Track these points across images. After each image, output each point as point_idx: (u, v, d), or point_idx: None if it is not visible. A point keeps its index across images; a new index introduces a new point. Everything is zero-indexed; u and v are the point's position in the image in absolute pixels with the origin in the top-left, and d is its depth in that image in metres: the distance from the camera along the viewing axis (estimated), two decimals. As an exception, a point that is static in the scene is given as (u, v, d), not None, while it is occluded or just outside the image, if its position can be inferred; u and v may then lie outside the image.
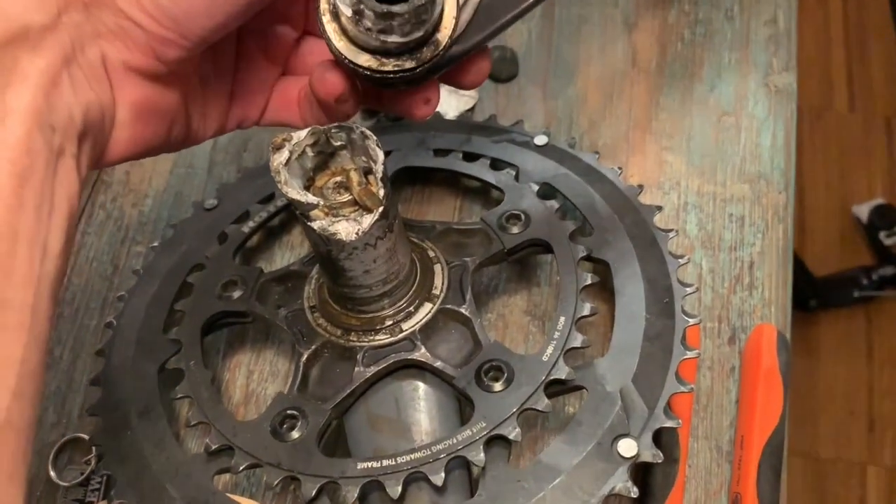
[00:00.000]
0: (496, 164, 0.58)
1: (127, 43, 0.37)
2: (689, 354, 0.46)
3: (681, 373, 0.45)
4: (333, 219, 0.43)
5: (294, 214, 0.46)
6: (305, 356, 0.48)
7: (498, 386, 0.44)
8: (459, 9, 0.41)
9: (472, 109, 0.65)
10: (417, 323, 0.48)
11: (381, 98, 0.45)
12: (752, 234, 0.60)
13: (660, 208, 0.53)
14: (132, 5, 0.36)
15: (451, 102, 0.64)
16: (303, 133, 0.43)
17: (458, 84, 0.45)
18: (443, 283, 0.49)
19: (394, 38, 0.39)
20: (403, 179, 0.61)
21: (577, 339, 0.46)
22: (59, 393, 0.57)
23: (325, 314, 0.49)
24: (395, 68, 0.40)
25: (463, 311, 0.48)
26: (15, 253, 0.32)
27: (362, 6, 0.38)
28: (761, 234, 0.60)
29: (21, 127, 0.32)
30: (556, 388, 0.45)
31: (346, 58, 0.40)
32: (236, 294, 0.53)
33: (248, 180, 0.61)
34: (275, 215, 0.58)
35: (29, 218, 0.32)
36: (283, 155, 0.42)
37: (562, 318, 0.47)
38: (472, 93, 0.65)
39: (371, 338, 0.47)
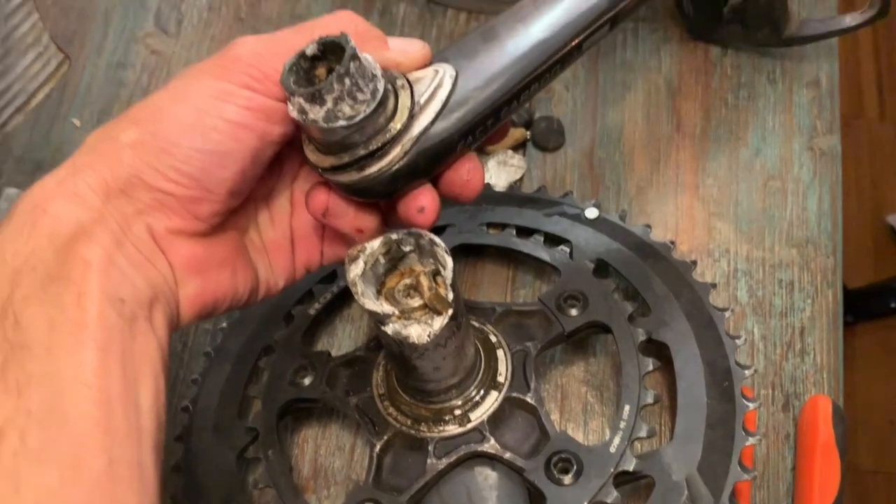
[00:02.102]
0: (549, 239, 0.60)
1: (165, 211, 0.41)
2: (751, 441, 0.47)
3: (742, 459, 0.47)
4: (405, 322, 0.45)
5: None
6: (378, 447, 0.50)
7: (567, 478, 0.46)
8: (416, 102, 0.41)
9: (520, 180, 0.66)
10: (485, 413, 0.49)
11: (386, 215, 0.47)
12: (802, 300, 0.61)
13: (714, 286, 0.55)
14: (158, 178, 0.40)
15: (500, 174, 0.66)
16: (376, 243, 0.45)
17: (452, 195, 0.46)
18: (507, 370, 0.51)
19: (340, 123, 0.39)
20: (457, 254, 0.63)
21: (643, 429, 0.48)
22: (136, 470, 0.59)
23: (395, 403, 0.51)
24: (357, 167, 0.41)
25: (528, 399, 0.50)
26: (112, 414, 0.35)
27: (295, 96, 0.39)
28: (811, 299, 0.61)
29: (94, 306, 0.36)
30: (624, 479, 0.46)
31: (316, 166, 0.42)
32: (307, 380, 0.55)
33: (309, 257, 0.63)
34: (338, 295, 0.60)
35: (117, 383, 0.36)
36: (359, 266, 0.44)
37: (626, 407, 0.48)
38: (522, 163, 0.67)
39: (441, 428, 0.49)
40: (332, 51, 0.40)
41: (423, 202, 0.44)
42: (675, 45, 0.70)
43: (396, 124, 0.41)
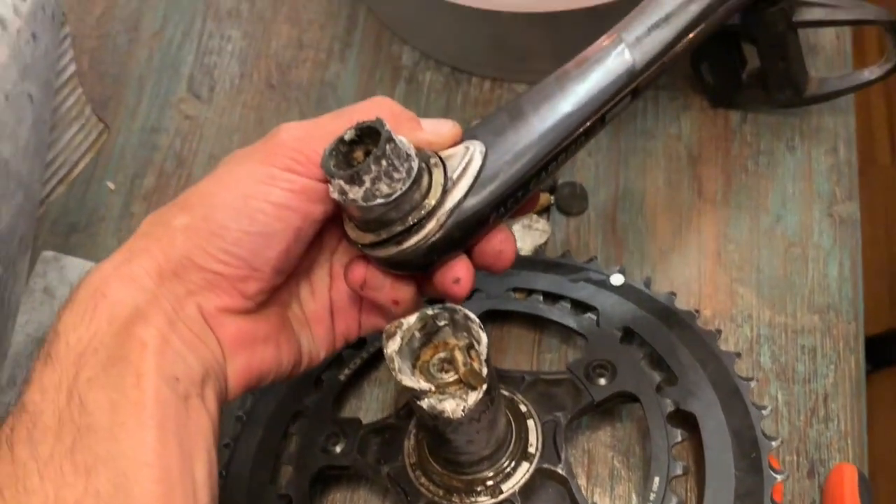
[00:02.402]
0: (576, 305, 0.61)
1: (215, 291, 0.43)
2: (780, 514, 0.48)
3: (772, 532, 0.48)
4: (440, 396, 0.46)
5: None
6: (411, 517, 0.51)
7: (600, 553, 0.47)
8: (448, 178, 0.44)
9: (545, 243, 0.68)
10: (516, 484, 0.50)
11: (422, 286, 0.49)
12: (825, 366, 0.62)
13: (739, 355, 0.56)
14: (208, 259, 0.42)
15: (525, 238, 0.68)
16: (412, 318, 0.46)
17: (485, 265, 0.48)
18: (537, 441, 0.52)
19: (378, 201, 0.41)
20: (484, 319, 0.64)
21: (673, 501, 0.48)
22: (167, 533, 0.60)
23: (426, 473, 0.52)
24: (396, 241, 0.43)
25: (560, 470, 0.51)
26: (172, 490, 0.37)
27: (335, 178, 0.41)
28: (834, 365, 0.62)
29: (151, 386, 0.39)
30: (655, 553, 0.47)
31: (356, 242, 0.44)
32: (339, 448, 0.56)
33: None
34: (368, 361, 0.62)
35: (175, 460, 0.38)
36: (396, 342, 0.45)
37: (656, 479, 0.49)
38: (547, 227, 0.68)
39: (473, 499, 0.50)
40: (369, 134, 0.43)
41: (458, 273, 0.47)
42: (694, 112, 0.71)
43: (431, 200, 0.44)
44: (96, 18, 0.80)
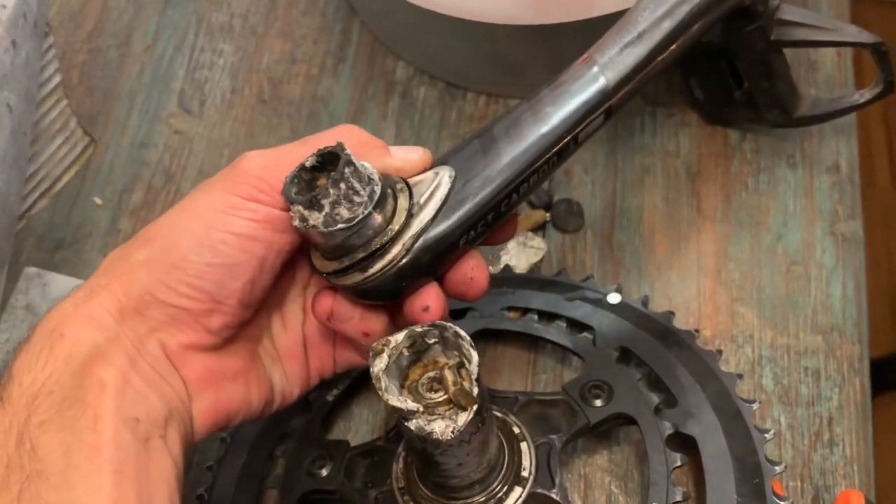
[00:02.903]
0: (572, 324, 0.59)
1: (178, 326, 0.41)
2: (784, 543, 0.46)
3: (776, 562, 0.46)
4: (429, 417, 0.44)
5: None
6: (399, 544, 0.49)
7: (596, 583, 0.45)
8: (414, 203, 0.43)
9: (541, 261, 0.66)
10: (509, 509, 0.48)
11: (394, 317, 0.47)
12: (829, 389, 0.60)
13: (740, 376, 0.54)
14: (170, 294, 0.41)
15: (521, 256, 0.66)
16: (400, 336, 0.45)
17: (457, 294, 0.47)
18: (531, 464, 0.50)
19: (339, 226, 0.40)
20: (477, 339, 0.62)
21: (672, 529, 0.46)
22: (147, 560, 0.58)
23: (415, 498, 0.50)
24: (360, 268, 0.42)
25: (554, 496, 0.49)
26: None
27: (295, 205, 0.40)
28: (838, 387, 0.60)
29: (110, 428, 0.37)
30: (653, 583, 0.45)
31: (321, 272, 0.43)
32: (325, 471, 0.54)
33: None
34: (356, 381, 0.60)
35: None
36: (383, 361, 0.44)
37: (654, 505, 0.47)
38: (542, 244, 0.67)
39: (464, 525, 0.48)
40: (331, 161, 0.42)
41: (427, 301, 0.45)
42: (693, 128, 0.70)
43: (395, 225, 0.43)
44: (87, 32, 0.79)
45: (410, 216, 0.43)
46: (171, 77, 0.77)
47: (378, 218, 0.42)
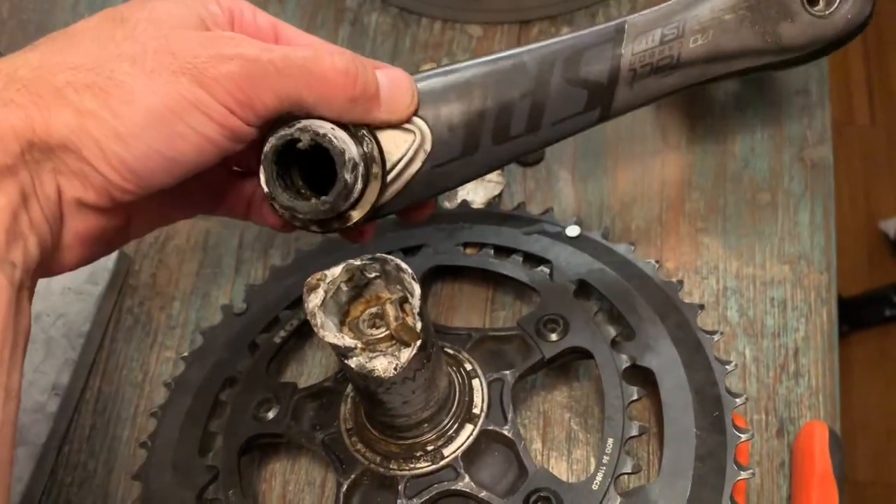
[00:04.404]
0: (529, 258, 0.57)
1: (84, 183, 0.37)
2: (743, 475, 0.44)
3: (734, 494, 0.44)
4: (371, 354, 0.42)
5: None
6: (346, 486, 0.47)
7: (548, 520, 0.43)
8: (385, 183, 0.43)
9: (499, 196, 0.63)
10: (459, 448, 0.46)
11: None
12: (795, 319, 0.58)
13: (702, 307, 0.52)
14: (97, 157, 0.36)
15: (478, 191, 0.63)
16: (337, 270, 0.42)
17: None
18: (483, 401, 0.48)
19: (320, 209, 0.41)
20: (432, 277, 0.59)
21: (627, 464, 0.44)
22: (94, 510, 0.56)
23: (363, 439, 0.48)
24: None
25: (505, 432, 0.47)
26: None
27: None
28: (804, 318, 0.58)
29: None
30: (607, 520, 0.43)
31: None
32: (271, 414, 0.51)
33: (276, 281, 0.60)
34: (305, 322, 0.57)
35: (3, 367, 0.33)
36: (319, 296, 0.41)
37: (609, 441, 0.45)
38: (500, 179, 0.64)
39: (412, 465, 0.46)
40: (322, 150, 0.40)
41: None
42: (658, 53, 0.67)
43: (366, 205, 0.42)
44: (17, -38, 0.74)
45: (382, 193, 0.43)
46: (108, 3, 0.72)
47: (355, 194, 0.41)
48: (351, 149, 0.40)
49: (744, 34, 0.46)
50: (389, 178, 0.42)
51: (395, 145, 0.43)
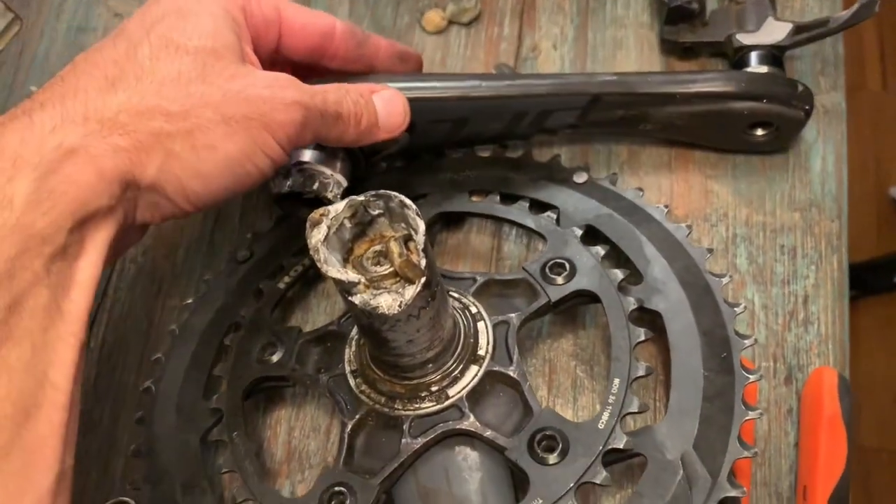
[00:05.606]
0: (535, 205, 0.56)
1: (154, 213, 0.43)
2: (752, 415, 0.44)
3: (742, 434, 0.44)
4: (375, 291, 0.41)
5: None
6: (350, 426, 0.46)
7: (553, 458, 0.43)
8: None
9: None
10: (464, 388, 0.46)
11: None
12: (805, 267, 0.57)
13: (711, 251, 0.51)
14: (178, 194, 0.42)
15: (484, 138, 0.62)
16: (340, 206, 0.41)
17: None
18: (488, 343, 0.48)
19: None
20: (439, 224, 0.59)
21: (634, 404, 0.44)
22: (101, 455, 0.56)
23: (368, 380, 0.47)
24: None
25: (511, 373, 0.46)
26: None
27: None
28: (815, 265, 0.57)
29: (84, 300, 0.37)
30: (613, 458, 0.43)
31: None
32: (275, 357, 0.51)
33: (281, 228, 0.60)
34: (309, 268, 0.57)
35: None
36: (322, 231, 0.41)
37: (616, 381, 0.45)
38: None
39: (416, 405, 0.46)
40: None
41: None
42: (668, -2, 0.65)
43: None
44: None
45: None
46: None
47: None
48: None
49: None
50: None
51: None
